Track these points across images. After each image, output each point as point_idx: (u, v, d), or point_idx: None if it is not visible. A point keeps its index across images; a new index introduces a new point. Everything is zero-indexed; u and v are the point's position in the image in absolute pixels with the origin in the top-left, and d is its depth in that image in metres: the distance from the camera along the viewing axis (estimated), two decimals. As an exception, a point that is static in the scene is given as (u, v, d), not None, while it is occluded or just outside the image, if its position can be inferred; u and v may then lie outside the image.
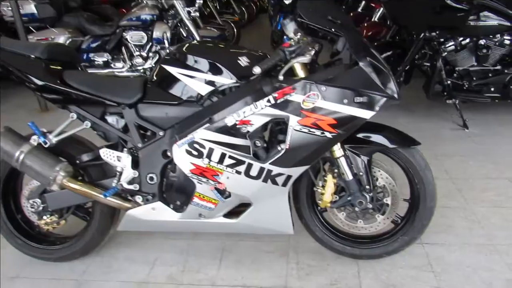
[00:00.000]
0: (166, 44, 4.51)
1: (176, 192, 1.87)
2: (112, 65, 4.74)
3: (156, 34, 4.55)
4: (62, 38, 4.56)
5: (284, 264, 2.01)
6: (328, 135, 1.66)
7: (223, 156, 1.72)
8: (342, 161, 1.81)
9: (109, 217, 1.99)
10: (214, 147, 1.71)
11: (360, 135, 1.81)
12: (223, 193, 1.81)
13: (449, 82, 3.43)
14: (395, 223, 1.97)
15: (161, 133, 1.81)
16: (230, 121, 1.68)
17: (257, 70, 1.58)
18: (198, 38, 4.52)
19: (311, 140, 1.67)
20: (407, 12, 3.46)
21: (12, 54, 1.84)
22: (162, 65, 1.83)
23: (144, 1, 4.82)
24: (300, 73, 1.69)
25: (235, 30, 6.66)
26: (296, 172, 1.74)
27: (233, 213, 1.89)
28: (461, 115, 3.42)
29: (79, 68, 2.06)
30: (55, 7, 4.79)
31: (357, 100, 1.65)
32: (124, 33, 4.71)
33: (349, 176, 1.82)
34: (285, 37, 1.78)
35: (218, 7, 7.99)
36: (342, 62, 1.71)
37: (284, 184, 1.76)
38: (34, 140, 1.82)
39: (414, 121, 3.60)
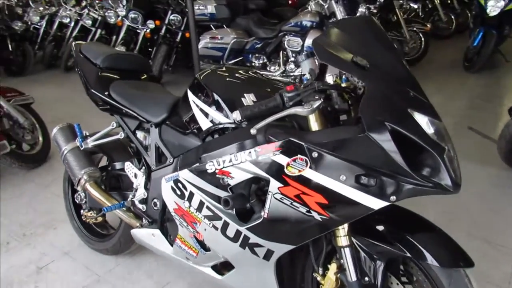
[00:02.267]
0: (316, 53, 4.27)
1: (169, 225, 1.74)
2: (268, 68, 4.82)
3: (308, 41, 4.36)
4: (228, 38, 4.88)
5: None
6: (316, 216, 1.23)
7: (201, 204, 1.49)
8: (347, 254, 1.32)
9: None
10: (195, 192, 1.49)
11: (382, 229, 1.28)
12: (202, 244, 1.58)
13: None
14: None
15: (170, 160, 1.69)
16: (210, 167, 1.43)
17: (235, 115, 1.27)
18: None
19: (294, 216, 1.27)
20: None
21: (84, 59, 2.02)
22: (188, 89, 1.70)
23: (309, 7, 4.67)
24: (314, 126, 1.29)
25: (422, 42, 5.80)
26: (278, 248, 1.36)
27: (224, 266, 1.63)
28: None
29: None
30: (231, 9, 5.14)
31: (361, 180, 1.16)
32: (284, 38, 4.69)
33: (353, 277, 1.31)
34: (303, 77, 1.39)
35: (419, 12, 7.12)
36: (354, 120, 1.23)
37: (266, 258, 1.40)
38: (77, 141, 1.98)
39: None
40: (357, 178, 1.16)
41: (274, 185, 1.27)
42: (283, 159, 1.24)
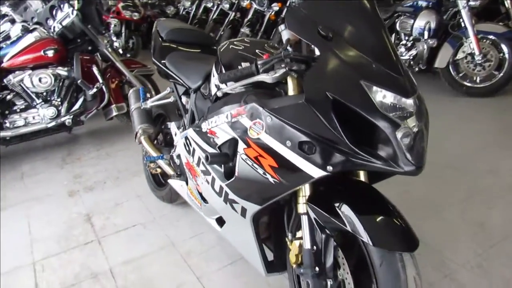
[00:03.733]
0: (426, 36, 3.93)
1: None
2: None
3: (418, 23, 4.01)
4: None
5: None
6: (270, 179, 1.30)
7: (199, 160, 1.67)
8: (303, 222, 1.35)
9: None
10: (196, 148, 1.69)
11: (338, 203, 1.27)
12: (202, 197, 1.76)
13: None
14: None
15: (197, 122, 1.92)
16: (204, 127, 1.60)
17: (215, 80, 1.41)
18: (472, 33, 3.69)
19: (255, 178, 1.36)
20: None
21: (156, 33, 2.37)
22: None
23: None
24: (291, 91, 1.34)
25: None
26: (250, 207, 1.46)
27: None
28: None
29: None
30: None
31: (304, 148, 1.19)
32: (397, 19, 4.42)
33: (306, 245, 1.34)
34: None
35: None
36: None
37: (243, 215, 1.52)
38: (140, 102, 2.35)
39: None
40: (300, 145, 1.19)
41: (240, 146, 1.39)
42: (247, 122, 1.34)
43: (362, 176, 1.33)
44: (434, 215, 2.27)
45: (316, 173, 1.17)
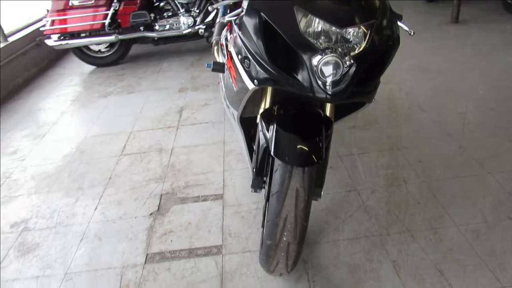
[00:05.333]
0: None
1: None
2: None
3: None
4: None
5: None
6: (234, 88, 1.53)
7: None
8: (258, 129, 1.54)
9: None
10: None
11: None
12: None
13: None
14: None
15: None
16: (229, 40, 1.83)
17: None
18: None
19: (230, 86, 1.61)
20: None
21: None
22: None
23: None
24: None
25: None
26: (234, 112, 1.70)
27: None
28: None
29: None
30: None
31: (244, 61, 1.37)
32: None
33: (256, 148, 1.55)
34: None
35: None
36: None
37: (234, 118, 1.77)
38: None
39: None
40: (243, 58, 1.37)
41: (226, 59, 1.62)
42: (229, 36, 1.56)
43: (328, 110, 1.43)
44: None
45: (250, 85, 1.35)
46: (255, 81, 1.31)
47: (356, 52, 1.19)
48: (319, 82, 1.19)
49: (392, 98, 2.97)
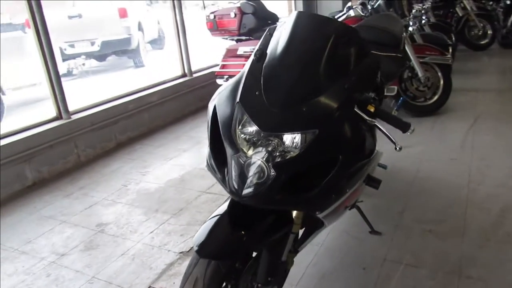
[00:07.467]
0: None
1: None
2: None
3: None
4: None
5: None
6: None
7: None
8: None
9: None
10: None
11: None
12: None
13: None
14: None
15: None
16: None
17: None
18: None
19: None
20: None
21: None
22: None
23: None
24: None
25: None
26: None
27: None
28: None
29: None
30: None
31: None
32: None
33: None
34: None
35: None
36: None
37: None
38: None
39: None
40: None
41: None
42: None
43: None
44: None
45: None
46: (205, 163, 1.37)
47: (285, 159, 1.13)
48: (231, 181, 1.18)
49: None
